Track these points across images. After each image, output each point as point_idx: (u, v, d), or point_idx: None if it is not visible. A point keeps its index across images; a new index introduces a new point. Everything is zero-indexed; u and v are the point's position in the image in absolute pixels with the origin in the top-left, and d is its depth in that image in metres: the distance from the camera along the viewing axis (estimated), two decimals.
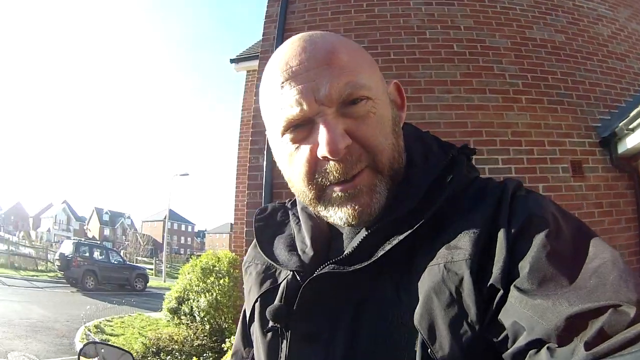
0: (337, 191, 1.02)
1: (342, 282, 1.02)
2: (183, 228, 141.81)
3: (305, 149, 1.02)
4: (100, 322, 14.97)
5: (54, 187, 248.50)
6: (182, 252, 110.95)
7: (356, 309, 1.01)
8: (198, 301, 10.96)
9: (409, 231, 0.98)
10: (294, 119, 1.00)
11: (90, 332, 13.15)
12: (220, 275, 11.18)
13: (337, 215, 1.05)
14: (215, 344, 10.38)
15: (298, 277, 1.12)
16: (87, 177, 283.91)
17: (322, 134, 0.97)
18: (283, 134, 1.05)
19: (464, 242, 0.93)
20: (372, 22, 7.10)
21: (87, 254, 28.95)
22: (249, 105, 12.06)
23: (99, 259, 29.45)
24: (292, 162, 1.07)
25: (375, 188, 1.02)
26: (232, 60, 13.42)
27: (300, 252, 1.18)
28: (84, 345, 1.95)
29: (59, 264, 28.76)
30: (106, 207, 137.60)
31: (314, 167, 1.03)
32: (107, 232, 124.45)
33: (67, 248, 29.17)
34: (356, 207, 1.02)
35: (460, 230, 0.96)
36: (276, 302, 1.14)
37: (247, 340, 1.42)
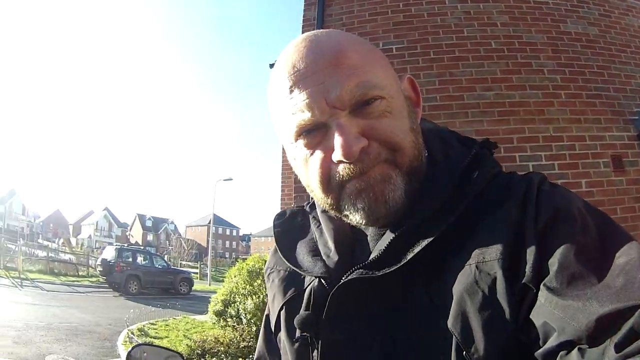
0: (350, 186, 1.00)
1: (371, 287, 1.00)
2: (228, 232, 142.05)
3: (320, 154, 1.01)
4: (143, 325, 14.91)
5: (94, 194, 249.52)
6: (226, 256, 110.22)
7: (387, 315, 0.99)
8: (244, 303, 11.02)
9: (438, 232, 0.95)
10: (305, 124, 0.99)
11: (134, 335, 13.13)
12: None
13: (354, 211, 1.03)
14: None
15: (325, 284, 1.09)
16: (129, 184, 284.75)
17: (336, 137, 0.95)
18: (296, 139, 1.03)
19: (494, 240, 0.91)
20: (409, 22, 7.09)
21: (130, 259, 28.92)
22: None
23: (142, 264, 29.48)
24: (307, 168, 1.05)
25: (390, 179, 0.99)
26: (271, 65, 13.03)
27: (324, 257, 1.15)
28: (132, 348, 1.90)
29: (101, 269, 28.91)
30: (149, 213, 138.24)
31: (329, 171, 1.01)
32: (150, 237, 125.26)
33: (109, 253, 29.25)
34: (371, 196, 0.99)
35: (489, 228, 0.94)
36: (303, 310, 1.12)
37: (270, 346, 1.39)
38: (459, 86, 6.55)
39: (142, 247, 55.45)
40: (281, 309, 1.22)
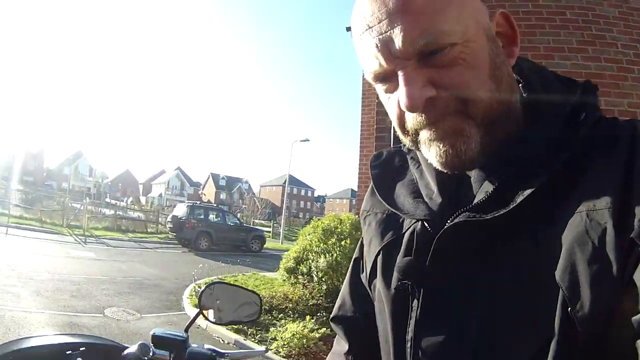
0: (422, 135, 0.98)
1: (478, 232, 0.95)
2: (303, 193, 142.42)
3: (394, 100, 0.99)
4: (211, 280, 14.03)
5: (167, 155, 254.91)
6: (300, 216, 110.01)
7: (492, 262, 0.93)
8: (317, 261, 11.04)
9: (549, 175, 0.90)
10: (376, 72, 0.97)
11: (201, 289, 12.96)
12: (342, 237, 11.16)
13: (429, 158, 1.01)
14: (330, 305, 9.79)
15: (428, 227, 1.04)
16: (203, 144, 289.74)
17: (400, 88, 0.93)
18: (375, 83, 1.02)
19: (603, 188, 0.84)
20: None
21: (202, 216, 29.04)
22: None
23: (214, 221, 29.59)
24: (388, 111, 1.05)
25: (462, 132, 0.95)
26: (348, 29, 12.49)
27: (426, 199, 1.10)
28: (207, 286, 2.01)
29: (171, 226, 28.94)
30: (222, 173, 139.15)
31: (402, 117, 1.00)
32: (223, 196, 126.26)
33: (180, 210, 29.44)
34: (441, 147, 0.96)
35: (597, 174, 0.87)
36: (403, 255, 1.09)
37: (356, 294, 1.35)
38: (537, 53, 6.46)
39: (214, 205, 55.43)
40: (378, 253, 1.19)
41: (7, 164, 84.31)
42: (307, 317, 9.43)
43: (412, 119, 0.97)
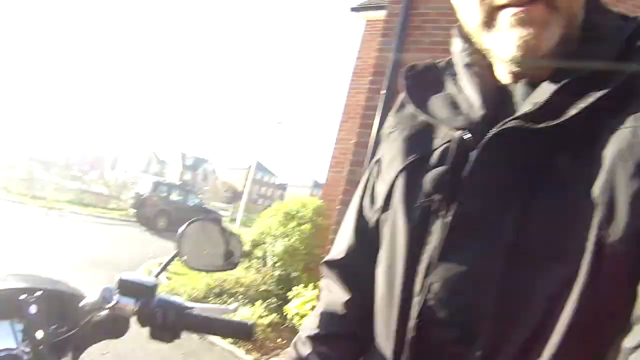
0: (506, 14, 0.93)
1: (525, 142, 0.92)
2: (265, 179, 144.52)
3: None
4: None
5: (136, 129, 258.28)
6: (259, 202, 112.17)
7: (535, 176, 0.91)
8: (274, 245, 11.24)
9: (605, 90, 0.87)
10: None
11: (153, 269, 12.85)
12: (302, 221, 11.36)
13: (503, 43, 0.95)
14: (282, 292, 10.49)
15: (468, 137, 1.00)
16: (173, 122, 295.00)
17: None
18: None
19: None
20: None
21: (165, 194, 29.48)
22: (366, 55, 12.27)
23: (175, 200, 30.00)
24: None
25: (547, 25, 0.92)
26: (353, 9, 13.65)
27: (466, 111, 1.06)
28: (188, 224, 1.82)
29: (133, 202, 29.25)
30: (190, 153, 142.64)
31: None
32: (187, 176, 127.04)
33: (144, 187, 29.91)
34: (525, 35, 0.91)
35: None
36: (435, 167, 1.03)
37: (365, 235, 1.25)
38: None
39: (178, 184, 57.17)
40: (400, 173, 1.13)
41: None
42: (259, 302, 9.66)
43: None
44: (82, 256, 14.12)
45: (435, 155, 1.06)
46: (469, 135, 1.00)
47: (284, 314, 9.15)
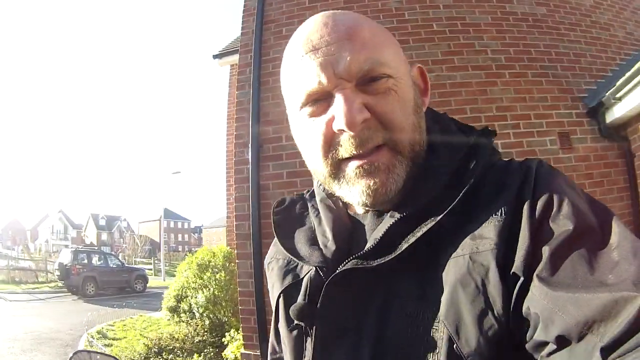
0: (352, 166, 1.01)
1: (365, 277, 0.99)
2: (180, 225, 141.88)
3: (322, 122, 1.01)
4: (102, 328, 15.00)
5: (49, 197, 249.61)
6: (180, 250, 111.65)
7: (381, 305, 0.98)
8: (196, 297, 11.27)
9: (433, 222, 0.95)
10: (312, 92, 0.99)
11: (94, 338, 13.14)
12: (216, 270, 11.46)
13: (351, 193, 1.03)
14: (216, 339, 10.56)
15: (321, 273, 1.08)
16: (81, 184, 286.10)
17: (339, 106, 0.96)
18: (302, 107, 1.03)
19: (489, 230, 0.90)
20: (350, 7, 6.99)
21: (86, 261, 29.06)
22: (235, 100, 11.65)
23: (97, 265, 29.68)
24: (308, 137, 1.06)
25: (393, 169, 1.00)
26: (215, 56, 13.49)
27: (322, 246, 1.14)
28: (73, 355, 1.95)
29: (59, 274, 28.95)
30: (102, 212, 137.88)
31: (330, 140, 1.01)
32: (104, 236, 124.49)
33: (65, 257, 29.30)
34: (371, 185, 0.99)
35: (485, 218, 0.93)
36: (299, 300, 1.11)
37: (279, 336, 1.34)
38: None
39: (96, 248, 56.04)
40: (279, 296, 1.23)
41: None
42: (195, 356, 9.73)
43: (345, 142, 0.99)
44: (27, 337, 14.05)
45: (303, 284, 1.14)
46: (321, 272, 1.07)
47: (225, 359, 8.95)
